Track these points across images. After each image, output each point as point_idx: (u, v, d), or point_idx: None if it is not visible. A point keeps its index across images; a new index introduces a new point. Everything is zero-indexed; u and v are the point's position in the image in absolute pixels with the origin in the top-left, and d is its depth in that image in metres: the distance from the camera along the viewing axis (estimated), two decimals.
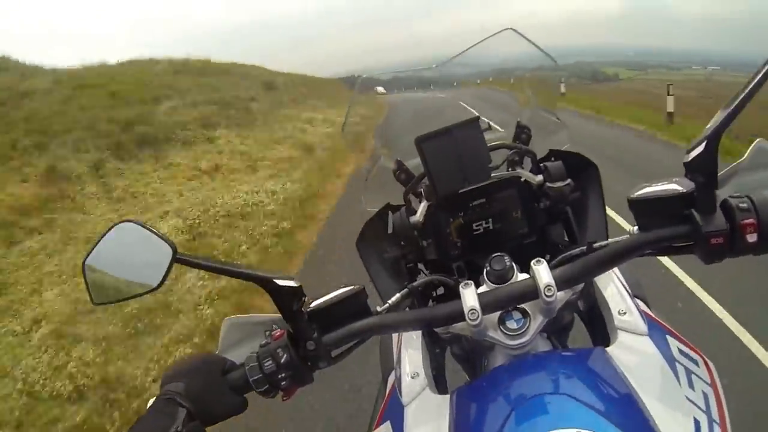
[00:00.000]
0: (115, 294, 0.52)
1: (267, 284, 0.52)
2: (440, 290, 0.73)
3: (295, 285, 0.54)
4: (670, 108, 8.43)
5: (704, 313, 2.60)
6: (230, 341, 0.60)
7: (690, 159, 0.50)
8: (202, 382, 0.52)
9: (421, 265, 0.76)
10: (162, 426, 0.47)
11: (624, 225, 2.62)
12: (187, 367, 0.53)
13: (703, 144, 0.48)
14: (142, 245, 0.50)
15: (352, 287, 0.57)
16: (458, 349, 0.75)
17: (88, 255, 0.51)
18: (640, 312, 0.66)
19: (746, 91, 0.47)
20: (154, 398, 0.50)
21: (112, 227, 0.52)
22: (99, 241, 0.51)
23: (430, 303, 0.74)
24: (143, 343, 2.94)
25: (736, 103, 0.47)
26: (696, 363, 0.60)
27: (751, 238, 0.48)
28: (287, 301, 0.53)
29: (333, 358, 0.56)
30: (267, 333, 0.55)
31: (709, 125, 0.49)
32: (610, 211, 1.57)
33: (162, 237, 0.50)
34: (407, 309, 0.67)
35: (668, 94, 8.57)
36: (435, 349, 0.75)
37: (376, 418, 0.69)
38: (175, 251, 0.49)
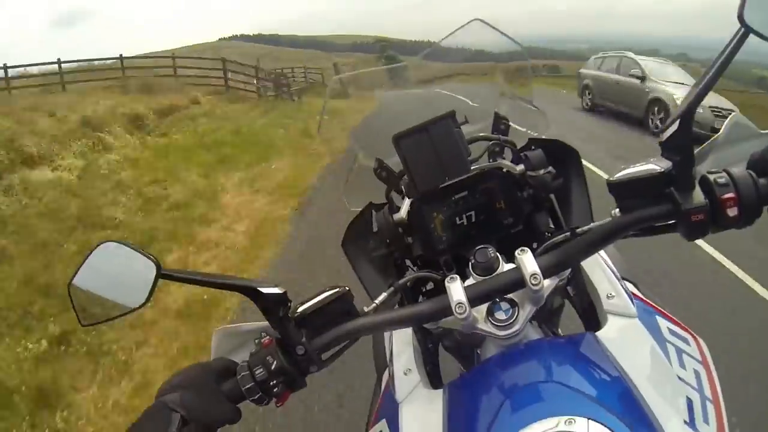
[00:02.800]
0: (103, 314, 0.53)
1: (251, 293, 0.53)
2: (430, 285, 0.73)
3: (279, 292, 0.54)
4: None
5: None
6: (222, 351, 0.61)
7: (665, 138, 0.50)
8: (196, 392, 0.52)
9: (408, 262, 0.76)
10: (157, 430, 0.47)
11: None
12: (181, 378, 0.53)
13: (677, 122, 0.48)
14: (126, 264, 0.51)
15: (337, 289, 0.57)
16: (451, 342, 0.75)
17: (73, 277, 0.52)
18: (628, 294, 0.66)
19: (716, 66, 0.46)
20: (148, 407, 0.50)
21: (96, 248, 0.53)
22: (83, 262, 0.52)
23: (421, 298, 0.74)
24: None
25: (707, 79, 0.47)
26: (686, 341, 0.61)
27: (732, 212, 0.48)
28: (273, 308, 0.54)
29: (324, 361, 0.57)
30: (256, 341, 0.56)
31: (681, 103, 0.49)
32: None
33: (145, 254, 0.51)
34: (397, 306, 0.68)
35: None
36: (428, 343, 0.76)
37: (371, 417, 0.70)
38: (159, 267, 0.50)
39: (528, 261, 0.52)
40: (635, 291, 0.71)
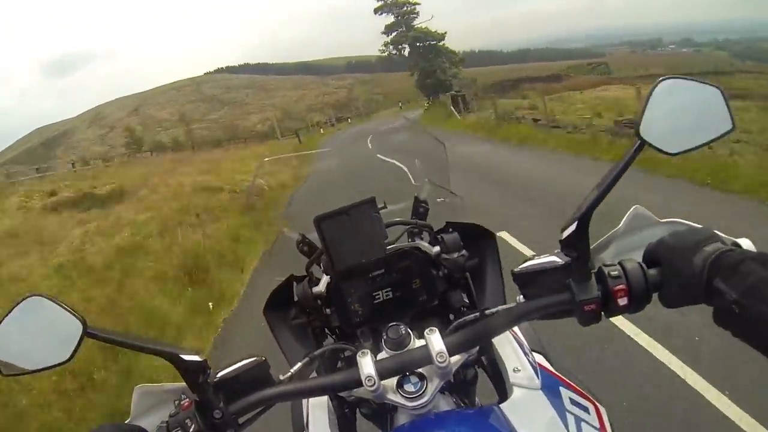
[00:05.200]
0: (26, 367, 0.54)
1: (174, 359, 0.56)
2: (349, 352, 0.73)
3: (199, 360, 0.57)
4: None
5: None
6: (141, 409, 0.63)
7: (564, 237, 0.55)
8: None
9: (327, 331, 0.80)
10: None
11: None
12: None
13: (575, 223, 0.53)
14: (50, 320, 0.53)
15: (255, 358, 0.61)
16: (367, 409, 0.77)
17: None
18: (534, 367, 0.72)
19: (614, 173, 0.51)
20: None
21: (19, 302, 0.54)
22: (5, 317, 0.53)
23: (340, 364, 0.76)
24: None
25: (606, 184, 0.51)
26: (587, 410, 0.65)
27: (622, 301, 0.53)
28: (193, 374, 0.57)
29: (240, 425, 0.60)
30: (176, 402, 0.59)
31: (580, 205, 0.54)
32: None
33: (71, 311, 0.53)
34: (315, 373, 0.73)
35: None
36: (344, 409, 0.78)
37: None
38: (85, 326, 0.52)
39: (435, 340, 0.57)
40: (543, 362, 0.76)
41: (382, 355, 0.61)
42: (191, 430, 0.56)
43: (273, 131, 32.34)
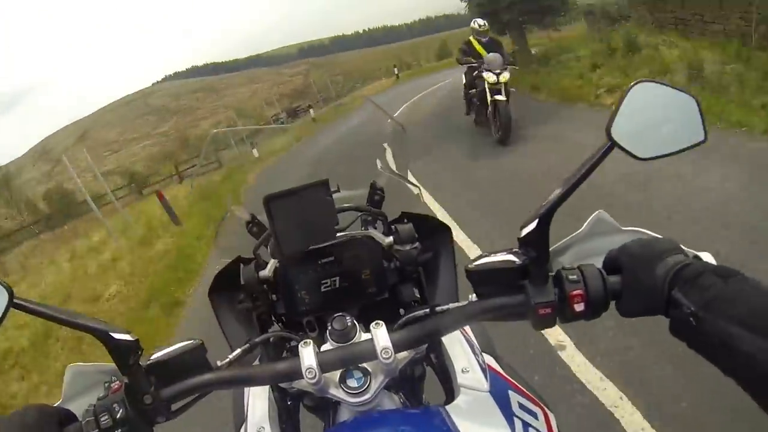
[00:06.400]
0: None
1: (103, 336, 0.52)
2: (294, 342, 0.70)
3: (131, 339, 0.54)
4: None
5: None
6: (74, 390, 0.61)
7: (523, 235, 0.53)
8: None
9: (274, 318, 0.77)
10: None
11: None
12: (20, 421, 0.50)
13: (535, 222, 0.51)
14: None
15: (191, 341, 0.58)
16: (311, 401, 0.76)
17: None
18: (483, 369, 0.70)
19: (580, 173, 0.49)
20: None
21: None
22: None
23: (285, 354, 0.74)
24: None
25: (570, 184, 0.50)
26: (535, 416, 0.63)
27: (579, 307, 0.51)
28: (123, 354, 0.53)
29: (173, 412, 0.57)
30: (106, 384, 0.55)
31: (543, 203, 0.52)
32: None
33: None
34: (257, 362, 0.70)
35: None
36: (286, 400, 0.77)
37: None
38: (12, 295, 0.49)
39: (381, 335, 0.55)
40: (493, 365, 0.73)
41: (326, 347, 0.58)
42: (119, 415, 0.52)
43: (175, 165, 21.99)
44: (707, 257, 0.52)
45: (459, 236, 3.42)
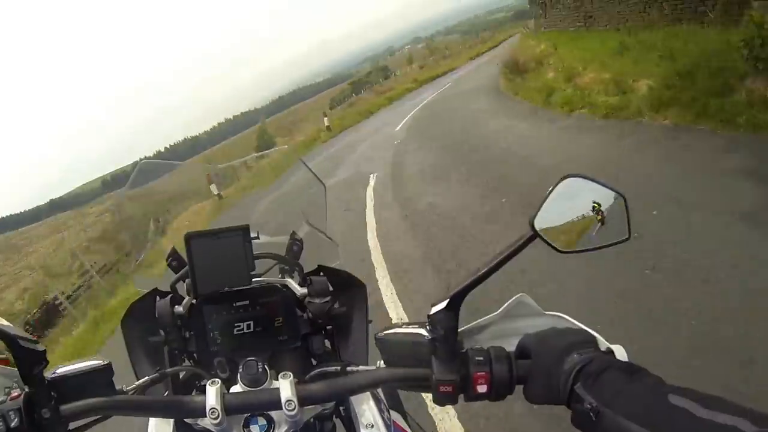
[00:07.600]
0: None
1: (9, 341, 0.51)
2: (204, 381, 0.66)
3: (38, 349, 0.52)
4: None
5: None
6: None
7: (432, 313, 0.54)
8: None
9: (186, 355, 0.76)
10: None
11: None
12: None
13: (446, 302, 0.53)
14: None
15: (99, 362, 0.57)
16: None
17: None
18: (388, 426, 0.70)
19: (497, 260, 0.51)
20: None
21: None
22: None
23: (194, 392, 0.73)
24: None
25: (486, 269, 0.51)
26: None
27: (482, 388, 0.52)
28: (28, 363, 0.52)
29: (70, 430, 0.55)
30: (6, 389, 0.53)
31: (455, 285, 0.53)
32: None
33: None
34: (166, 394, 0.69)
35: None
36: None
37: None
38: None
39: (286, 387, 0.56)
40: (399, 422, 0.75)
41: (236, 389, 0.59)
42: (13, 423, 0.50)
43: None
44: (620, 352, 0.52)
45: None
